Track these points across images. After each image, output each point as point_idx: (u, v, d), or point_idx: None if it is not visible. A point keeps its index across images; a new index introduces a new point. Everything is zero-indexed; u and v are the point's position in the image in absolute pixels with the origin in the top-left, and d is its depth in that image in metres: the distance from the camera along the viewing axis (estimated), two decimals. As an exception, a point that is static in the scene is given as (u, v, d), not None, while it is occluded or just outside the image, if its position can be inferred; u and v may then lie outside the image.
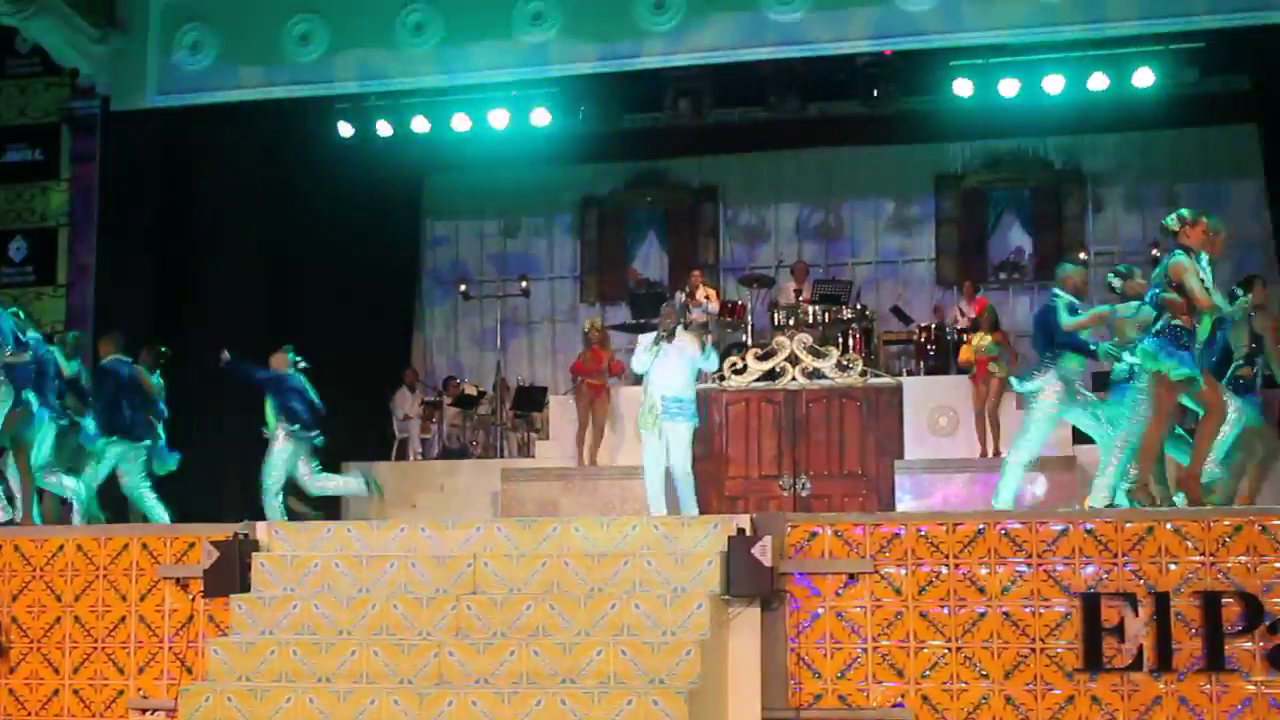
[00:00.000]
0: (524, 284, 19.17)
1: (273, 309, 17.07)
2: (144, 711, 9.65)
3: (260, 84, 15.73)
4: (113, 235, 15.83)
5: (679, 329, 11.95)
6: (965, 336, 16.37)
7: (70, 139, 16.16)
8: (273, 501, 13.06)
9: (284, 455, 13.06)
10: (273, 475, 13.06)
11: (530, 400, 18.25)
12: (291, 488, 13.28)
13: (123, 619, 9.82)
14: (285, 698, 8.30)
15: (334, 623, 8.94)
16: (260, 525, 9.77)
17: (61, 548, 10.03)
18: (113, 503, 13.10)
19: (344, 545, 9.64)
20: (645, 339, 12.00)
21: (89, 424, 12.64)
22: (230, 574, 9.38)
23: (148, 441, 12.95)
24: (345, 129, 17.97)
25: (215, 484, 14.63)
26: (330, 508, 16.11)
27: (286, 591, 9.26)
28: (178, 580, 9.72)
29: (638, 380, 16.26)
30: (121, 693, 9.74)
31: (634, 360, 12.13)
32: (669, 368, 11.77)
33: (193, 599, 9.66)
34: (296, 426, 13.11)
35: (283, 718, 8.26)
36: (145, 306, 15.83)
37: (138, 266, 15.98)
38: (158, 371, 13.46)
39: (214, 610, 9.55)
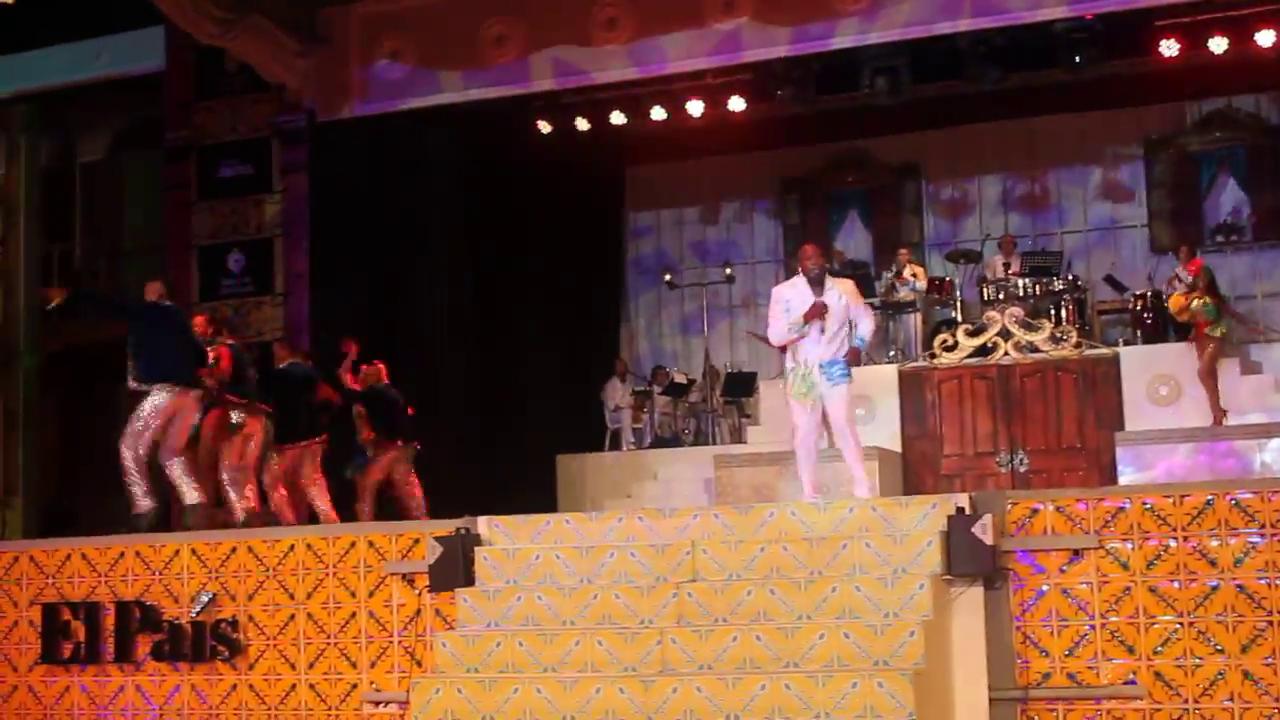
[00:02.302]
0: (728, 270, 19.19)
1: (480, 307, 17.38)
2: (377, 704, 9.89)
3: (459, 87, 15.99)
4: (324, 243, 16.21)
5: (826, 277, 10.35)
6: (1177, 285, 15.97)
7: (280, 152, 16.55)
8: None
9: None
10: None
11: (740, 386, 18.26)
12: None
13: (353, 615, 10.08)
14: (513, 688, 8.43)
15: (557, 613, 9.05)
16: (481, 520, 9.92)
17: (292, 547, 10.34)
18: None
19: (563, 537, 9.76)
20: (782, 298, 10.40)
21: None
22: (454, 569, 9.56)
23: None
24: (544, 126, 18.22)
25: (430, 481, 14.87)
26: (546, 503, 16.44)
27: (509, 584, 9.40)
28: (404, 576, 9.94)
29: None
30: (355, 686, 10.01)
31: (773, 333, 10.58)
32: (819, 329, 10.29)
33: (419, 594, 9.87)
34: None
35: (511, 708, 8.39)
36: (359, 310, 16.22)
37: (349, 272, 16.36)
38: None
39: (440, 604, 9.74)
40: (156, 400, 11.53)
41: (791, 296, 10.41)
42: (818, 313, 10.24)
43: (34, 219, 20.20)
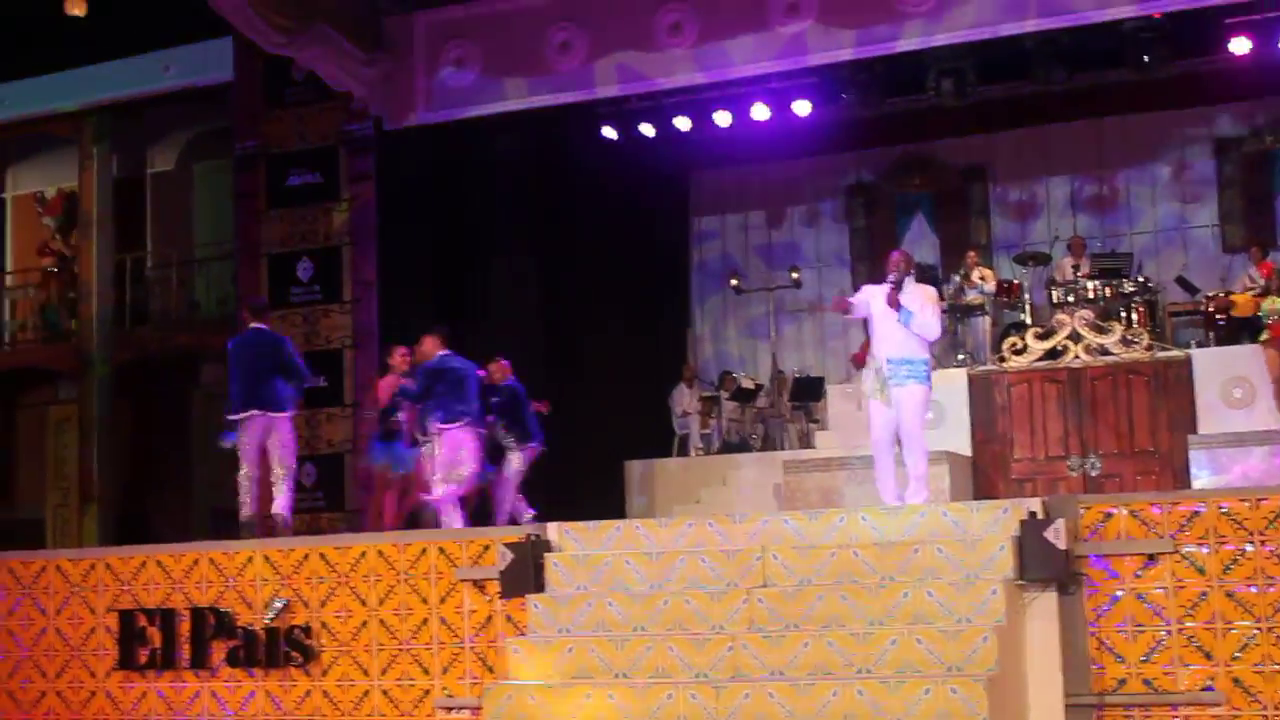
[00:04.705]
0: (795, 275, 19.14)
1: (547, 313, 17.43)
2: (450, 710, 9.94)
3: (524, 94, 16.00)
4: (392, 251, 16.29)
5: (907, 281, 10.59)
6: (1250, 287, 15.80)
7: (347, 160, 16.64)
8: None
9: None
10: None
11: (808, 391, 18.21)
12: None
13: (425, 621, 10.13)
14: (585, 694, 8.45)
15: (628, 619, 9.06)
16: (551, 526, 9.97)
17: (364, 554, 10.40)
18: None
19: (633, 543, 9.77)
20: (863, 291, 10.87)
21: None
22: (525, 575, 9.60)
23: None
24: (609, 132, 18.25)
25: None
26: (615, 508, 16.40)
27: (580, 590, 9.43)
28: (475, 582, 9.98)
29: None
30: (428, 692, 10.05)
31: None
32: (892, 326, 10.47)
33: (490, 600, 9.91)
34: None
35: (583, 713, 8.40)
36: (426, 318, 16.26)
37: (417, 279, 16.44)
38: None
39: (511, 610, 9.78)
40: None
41: (871, 294, 10.74)
42: (889, 297, 10.44)
43: (106, 229, 20.50)
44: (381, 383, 13.67)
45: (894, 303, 10.44)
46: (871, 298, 10.69)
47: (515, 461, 13.96)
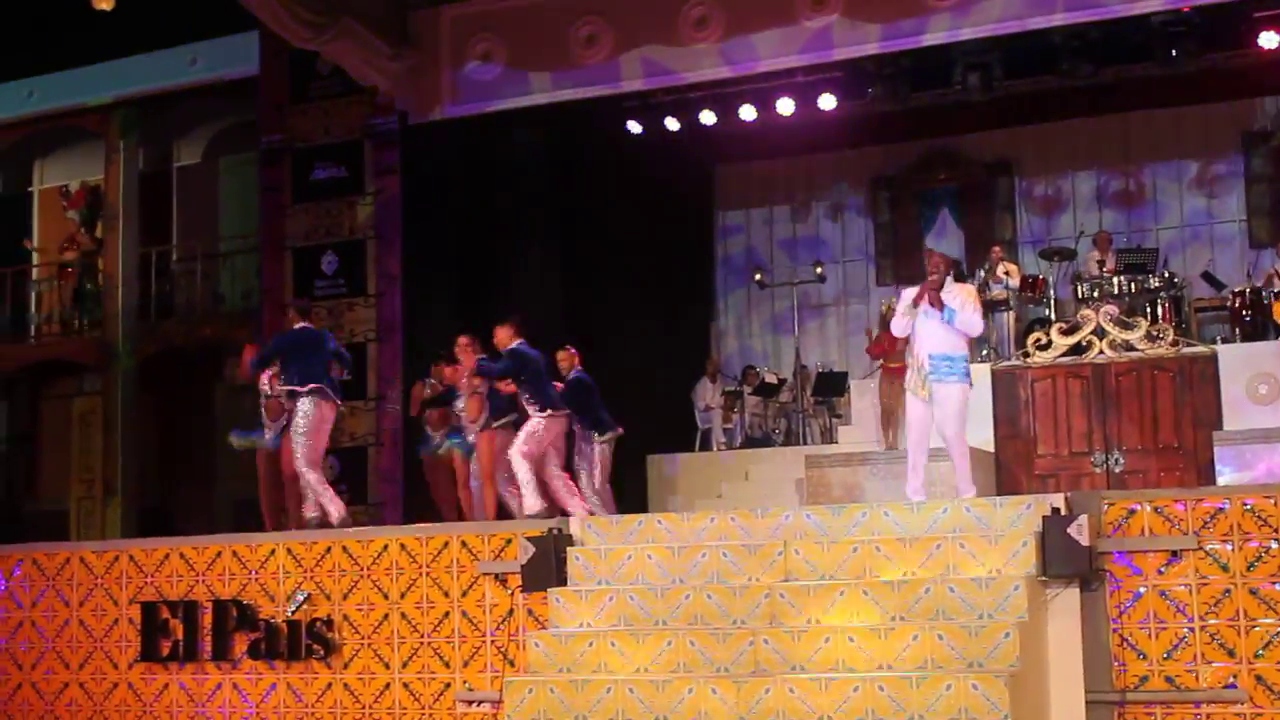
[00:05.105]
0: (819, 269, 19.10)
1: (571, 307, 17.42)
2: (470, 704, 9.95)
3: (549, 88, 15.99)
4: (417, 244, 16.30)
5: (949, 280, 10.68)
6: (1276, 283, 15.70)
7: (372, 154, 16.63)
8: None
9: None
10: None
11: (831, 386, 18.17)
12: None
13: (446, 615, 10.15)
14: (605, 688, 8.45)
15: (649, 613, 9.07)
16: (574, 520, 9.98)
17: (386, 547, 10.43)
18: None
19: (655, 537, 9.77)
20: (907, 296, 10.83)
21: None
22: (547, 569, 9.61)
23: None
24: (634, 126, 18.23)
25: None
26: (637, 503, 16.38)
27: (601, 584, 9.43)
28: (497, 576, 10.00)
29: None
30: (448, 686, 10.07)
31: (893, 324, 11.07)
32: (934, 323, 10.52)
33: (511, 594, 9.92)
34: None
35: (604, 708, 8.41)
36: (451, 311, 16.31)
37: (442, 273, 16.45)
38: None
39: (532, 604, 9.79)
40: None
41: (909, 295, 10.79)
42: (930, 298, 10.50)
43: (132, 222, 20.56)
44: (448, 371, 13.53)
45: (936, 303, 10.45)
46: (914, 297, 10.75)
47: (595, 452, 13.81)
